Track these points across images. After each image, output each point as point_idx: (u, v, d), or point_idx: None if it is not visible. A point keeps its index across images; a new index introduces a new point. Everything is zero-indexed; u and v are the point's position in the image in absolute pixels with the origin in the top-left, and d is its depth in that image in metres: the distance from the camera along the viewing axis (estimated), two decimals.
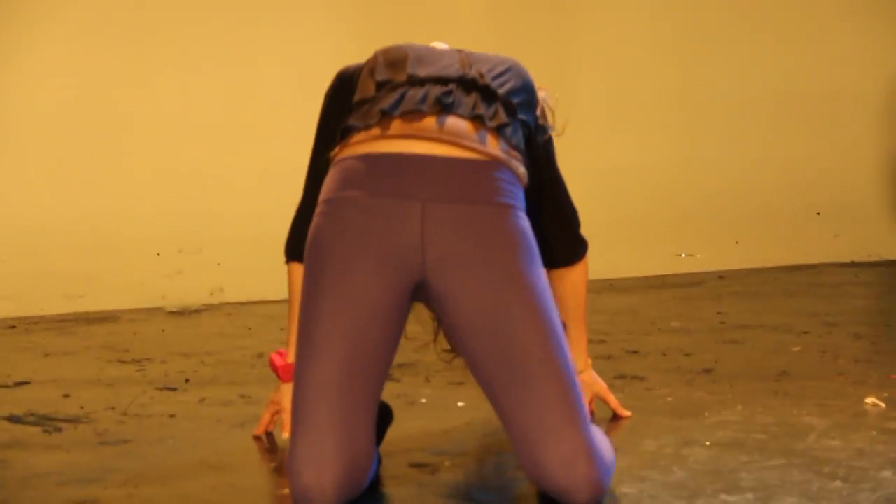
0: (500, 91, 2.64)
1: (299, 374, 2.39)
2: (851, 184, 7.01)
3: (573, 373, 2.39)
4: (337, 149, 2.59)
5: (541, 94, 2.79)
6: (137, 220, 5.80)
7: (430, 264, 2.42)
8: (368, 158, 2.48)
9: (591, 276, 3.07)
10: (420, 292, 2.51)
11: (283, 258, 2.90)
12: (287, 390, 2.93)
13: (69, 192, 5.71)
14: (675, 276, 6.42)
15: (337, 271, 2.41)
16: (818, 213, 6.90)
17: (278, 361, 2.99)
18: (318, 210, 2.50)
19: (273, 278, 3.91)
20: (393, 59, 2.70)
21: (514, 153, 2.57)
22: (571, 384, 2.36)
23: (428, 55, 2.71)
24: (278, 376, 2.98)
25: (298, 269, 2.78)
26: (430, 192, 2.43)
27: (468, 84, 2.62)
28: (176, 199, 5.86)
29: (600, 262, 3.63)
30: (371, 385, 2.41)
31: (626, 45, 6.78)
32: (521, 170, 2.56)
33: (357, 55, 2.87)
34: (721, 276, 6.32)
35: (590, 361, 3.19)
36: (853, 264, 6.63)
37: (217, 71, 5.95)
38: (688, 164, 6.81)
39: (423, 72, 2.64)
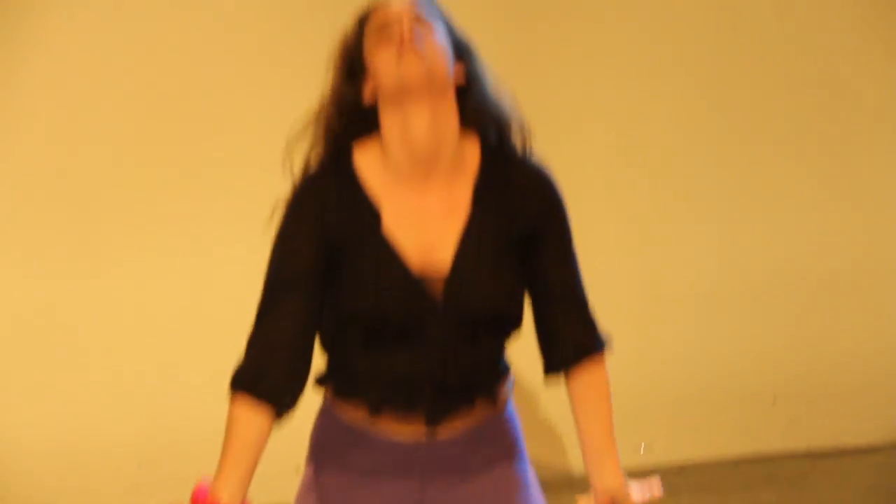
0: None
1: None
2: (808, 368, 7.02)
3: None
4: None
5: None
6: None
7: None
8: (363, 436, 2.50)
9: (549, 473, 3.01)
10: None
11: None
12: None
13: None
14: (633, 470, 6.37)
15: None
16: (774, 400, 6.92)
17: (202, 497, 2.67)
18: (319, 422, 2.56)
19: None
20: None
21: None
22: None
23: None
24: None
25: (245, 406, 2.44)
26: (429, 471, 2.53)
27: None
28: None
29: (555, 459, 3.60)
30: None
31: (589, 235, 6.82)
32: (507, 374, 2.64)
33: None
34: (680, 469, 6.30)
35: (623, 478, 2.69)
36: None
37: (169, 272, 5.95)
38: (645, 352, 6.83)
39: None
